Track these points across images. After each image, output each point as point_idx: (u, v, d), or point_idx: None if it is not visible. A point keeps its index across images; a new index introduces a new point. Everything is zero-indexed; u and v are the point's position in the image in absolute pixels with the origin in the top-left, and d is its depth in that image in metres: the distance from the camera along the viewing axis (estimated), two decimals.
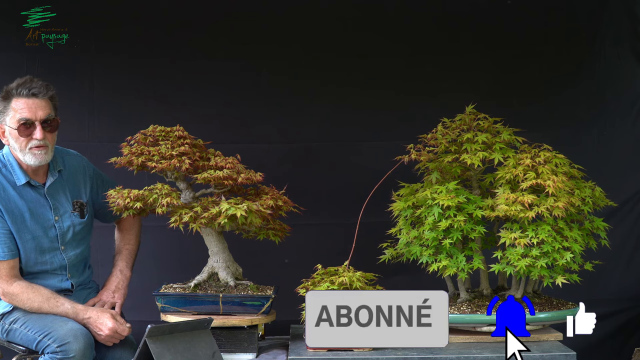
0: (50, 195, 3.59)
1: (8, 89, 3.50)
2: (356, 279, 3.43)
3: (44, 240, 3.55)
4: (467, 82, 4.63)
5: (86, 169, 3.75)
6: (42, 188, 3.58)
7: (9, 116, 3.49)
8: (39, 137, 3.47)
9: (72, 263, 3.64)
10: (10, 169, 3.54)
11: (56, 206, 3.60)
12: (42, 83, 3.51)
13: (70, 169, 3.69)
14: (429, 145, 3.66)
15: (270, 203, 3.59)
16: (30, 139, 3.48)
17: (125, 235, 3.84)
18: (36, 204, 3.56)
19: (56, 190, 3.61)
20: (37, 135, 3.47)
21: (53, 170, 3.61)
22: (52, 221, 3.58)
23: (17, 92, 3.47)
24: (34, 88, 3.47)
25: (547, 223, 3.51)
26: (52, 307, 3.46)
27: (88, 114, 4.58)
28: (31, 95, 3.47)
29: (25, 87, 3.47)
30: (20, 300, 3.47)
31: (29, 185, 3.56)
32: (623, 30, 4.68)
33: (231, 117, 4.62)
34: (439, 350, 3.49)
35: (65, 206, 3.62)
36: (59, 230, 3.59)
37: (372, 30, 4.64)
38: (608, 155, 4.68)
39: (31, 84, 3.48)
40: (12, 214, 3.50)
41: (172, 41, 4.58)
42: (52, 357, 3.34)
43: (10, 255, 3.48)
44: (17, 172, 3.54)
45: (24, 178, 3.54)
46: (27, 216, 3.52)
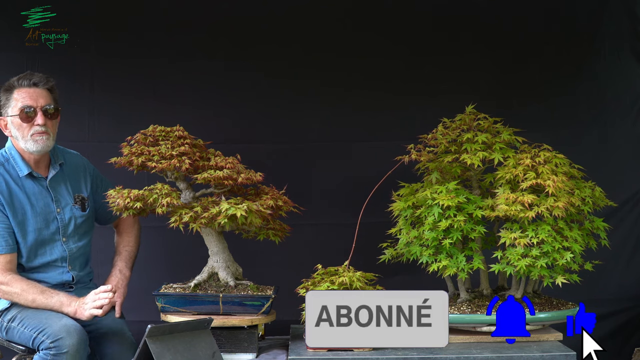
0: (52, 188, 3.65)
1: (10, 82, 3.61)
2: (356, 279, 3.43)
3: (45, 232, 3.60)
4: (467, 83, 4.63)
5: (87, 168, 3.80)
6: (44, 180, 3.64)
7: (11, 106, 3.58)
8: (41, 123, 3.55)
9: (74, 255, 3.66)
10: (12, 162, 3.61)
11: (58, 198, 3.65)
12: (42, 75, 3.63)
13: (71, 165, 3.75)
14: (429, 145, 3.66)
15: (270, 203, 3.59)
16: (32, 125, 3.56)
17: (124, 237, 3.86)
18: (38, 196, 3.61)
19: (58, 183, 3.67)
20: (38, 121, 3.56)
21: (55, 163, 3.67)
22: (54, 213, 3.62)
23: (19, 83, 3.59)
24: (35, 78, 3.60)
25: (547, 223, 3.51)
26: (46, 298, 3.49)
27: (88, 114, 4.58)
28: (32, 84, 3.59)
29: (26, 79, 3.60)
30: (14, 293, 3.49)
31: (31, 177, 3.61)
32: (623, 30, 4.68)
33: (231, 117, 4.62)
34: (439, 350, 3.49)
35: (66, 199, 3.67)
36: (61, 222, 3.63)
37: (372, 30, 4.64)
38: (608, 155, 4.68)
39: (32, 75, 3.61)
40: (14, 208, 3.55)
41: (172, 41, 4.59)
42: (46, 353, 3.36)
43: (8, 249, 3.52)
44: (19, 163, 3.60)
45: (27, 169, 3.60)
46: (28, 209, 3.57)
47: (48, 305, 3.49)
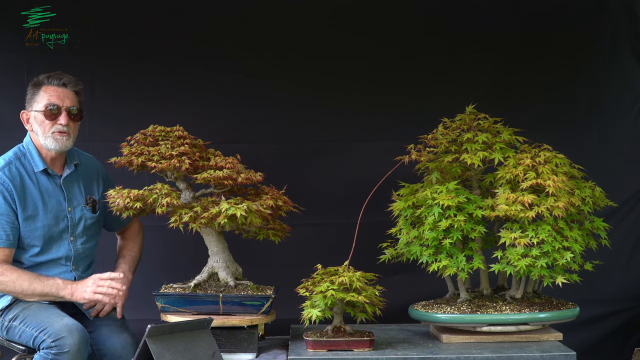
0: (66, 186, 3.67)
1: (39, 78, 3.68)
2: (356, 279, 3.43)
3: (54, 229, 3.61)
4: (467, 83, 4.63)
5: (99, 171, 3.82)
6: (58, 178, 3.66)
7: (37, 101, 3.63)
8: (64, 123, 3.60)
9: (79, 256, 3.67)
10: (29, 157, 3.63)
11: (70, 197, 3.66)
12: (72, 77, 3.71)
13: (86, 166, 3.77)
14: (429, 145, 3.66)
15: (270, 203, 3.59)
16: (55, 123, 3.60)
17: (128, 243, 3.88)
18: (51, 193, 3.63)
19: (71, 183, 3.69)
20: (61, 120, 3.60)
21: (70, 163, 3.70)
22: (65, 211, 3.64)
23: (49, 81, 3.65)
24: (65, 79, 3.67)
25: (547, 223, 3.51)
26: (42, 282, 3.50)
27: (88, 113, 4.56)
28: (62, 84, 3.66)
29: (56, 78, 3.66)
30: (9, 281, 3.49)
31: (46, 173, 3.64)
32: (623, 31, 4.68)
33: (231, 117, 4.61)
34: (439, 350, 3.49)
35: (78, 199, 3.69)
36: (71, 221, 3.65)
37: (372, 31, 4.64)
38: (608, 155, 4.67)
39: (62, 75, 3.68)
40: (25, 203, 3.56)
41: (172, 41, 4.58)
42: (47, 352, 3.36)
43: (8, 243, 3.52)
44: (35, 159, 3.62)
45: (42, 165, 3.62)
46: (40, 204, 3.59)
47: (44, 290, 3.50)
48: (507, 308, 3.61)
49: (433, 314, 3.63)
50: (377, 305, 3.47)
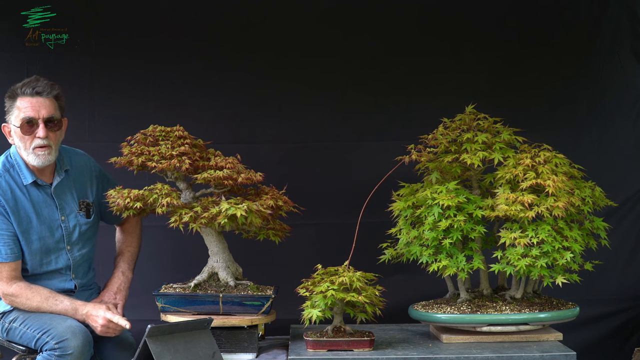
0: (57, 195, 3.59)
1: (14, 88, 3.51)
2: (356, 279, 3.43)
3: (50, 240, 3.56)
4: (467, 83, 4.63)
5: (93, 170, 3.74)
6: (48, 187, 3.58)
7: (14, 115, 3.49)
8: (42, 136, 3.46)
9: (77, 263, 3.64)
10: (17, 169, 3.54)
11: (62, 206, 3.60)
12: (47, 82, 3.52)
13: (77, 168, 3.68)
14: (429, 145, 3.66)
15: (270, 203, 3.59)
16: (34, 137, 3.48)
17: (127, 237, 3.84)
18: (43, 204, 3.55)
19: (63, 190, 3.61)
20: (39, 133, 3.47)
21: (60, 170, 3.61)
22: (58, 221, 3.58)
23: (22, 91, 3.48)
24: (38, 87, 3.48)
25: (547, 223, 3.51)
26: (51, 306, 3.46)
27: (88, 114, 4.57)
28: (35, 93, 3.47)
29: (29, 86, 3.48)
30: (19, 301, 3.47)
31: (36, 184, 3.55)
32: (623, 30, 4.68)
33: (231, 117, 4.61)
34: (439, 350, 3.50)
35: (71, 206, 3.62)
36: (65, 230, 3.59)
37: (371, 32, 4.63)
38: (608, 155, 4.67)
39: (36, 83, 3.49)
40: (19, 216, 3.50)
41: (172, 41, 4.58)
42: (50, 354, 3.34)
43: (13, 257, 3.48)
44: (24, 171, 3.54)
45: (31, 177, 3.53)
46: (33, 217, 3.52)
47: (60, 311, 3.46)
48: (507, 308, 3.61)
49: (433, 314, 3.63)
50: (377, 305, 3.47)
